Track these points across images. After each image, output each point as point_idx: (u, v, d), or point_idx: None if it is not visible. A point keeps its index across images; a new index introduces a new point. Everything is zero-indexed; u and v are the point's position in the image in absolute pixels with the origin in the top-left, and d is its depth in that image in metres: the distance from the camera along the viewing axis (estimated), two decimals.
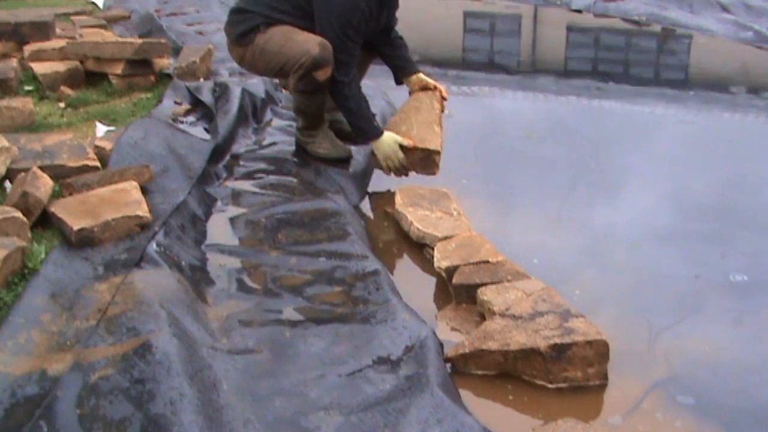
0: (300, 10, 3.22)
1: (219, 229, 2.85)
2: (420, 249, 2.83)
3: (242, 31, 3.28)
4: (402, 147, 3.19)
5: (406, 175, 3.29)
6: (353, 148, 3.55)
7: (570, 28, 7.63)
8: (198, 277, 2.46)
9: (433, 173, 3.25)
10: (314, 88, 3.24)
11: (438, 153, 3.21)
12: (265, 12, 3.24)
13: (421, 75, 3.53)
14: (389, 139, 3.21)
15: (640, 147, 3.93)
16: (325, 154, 3.44)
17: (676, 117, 4.50)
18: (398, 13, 3.48)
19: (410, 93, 3.56)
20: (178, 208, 2.77)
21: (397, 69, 3.56)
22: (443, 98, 3.52)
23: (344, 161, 3.45)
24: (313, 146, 3.46)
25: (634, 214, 3.14)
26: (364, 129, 3.26)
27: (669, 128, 4.27)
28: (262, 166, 3.40)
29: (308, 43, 3.13)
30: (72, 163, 2.88)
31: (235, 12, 3.38)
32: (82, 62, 4.34)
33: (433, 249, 2.70)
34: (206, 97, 4.03)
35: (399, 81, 3.58)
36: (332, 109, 3.57)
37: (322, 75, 3.16)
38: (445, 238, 2.73)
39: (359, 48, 3.26)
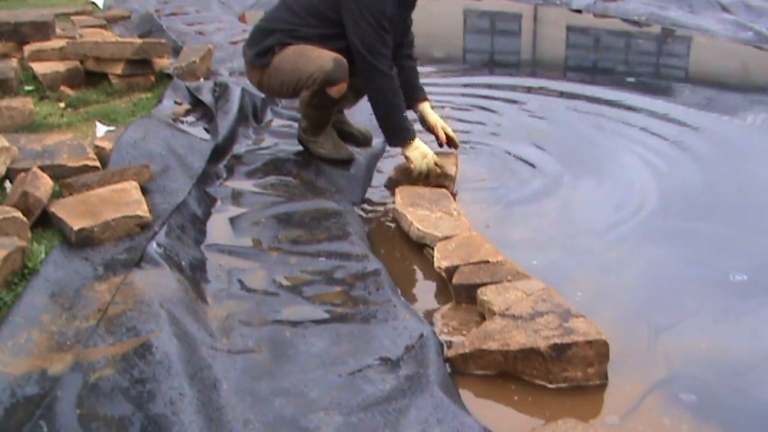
0: (323, 19, 3.17)
1: (219, 229, 2.85)
2: (420, 249, 2.83)
3: (258, 51, 3.26)
4: None
5: (438, 177, 3.26)
6: (354, 150, 3.55)
7: (570, 28, 7.64)
8: (198, 277, 2.46)
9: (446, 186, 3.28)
10: (326, 104, 3.21)
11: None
12: (287, 27, 3.20)
13: (427, 107, 3.47)
14: (422, 147, 3.23)
15: (639, 146, 3.93)
16: (327, 155, 3.43)
17: (677, 116, 4.50)
18: None
19: (422, 122, 3.51)
20: (178, 208, 2.77)
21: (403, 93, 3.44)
22: (455, 146, 3.51)
23: (346, 163, 3.44)
24: (315, 146, 3.44)
25: (634, 213, 3.14)
26: (406, 126, 3.21)
27: (669, 127, 4.27)
28: (262, 166, 3.40)
29: (322, 59, 3.09)
30: (72, 163, 2.88)
31: (255, 31, 3.36)
32: (82, 62, 4.34)
33: (433, 249, 2.70)
34: (206, 97, 4.03)
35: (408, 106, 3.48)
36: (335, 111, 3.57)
37: (336, 92, 3.14)
38: (445, 238, 2.73)
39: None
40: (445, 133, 3.47)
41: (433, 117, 3.49)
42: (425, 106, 3.49)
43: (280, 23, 3.25)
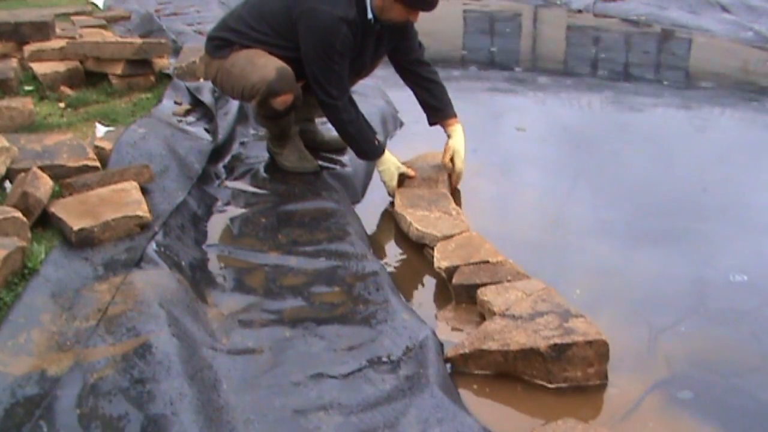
0: (279, 35, 3.07)
1: (219, 229, 2.86)
2: (420, 249, 2.83)
3: (219, 45, 3.18)
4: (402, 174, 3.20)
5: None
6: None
7: (570, 28, 7.64)
8: (198, 277, 2.46)
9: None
10: (274, 115, 3.14)
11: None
12: (244, 30, 3.11)
13: (455, 130, 3.30)
14: (389, 163, 3.18)
15: (640, 146, 3.93)
16: (292, 168, 3.35)
17: (676, 116, 4.51)
18: None
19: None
20: (178, 208, 2.77)
21: (427, 110, 3.37)
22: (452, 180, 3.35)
23: (313, 174, 3.34)
24: (281, 158, 3.38)
25: (634, 213, 3.14)
26: (367, 151, 3.19)
27: (669, 127, 4.27)
28: (262, 166, 3.40)
29: (266, 68, 3.00)
30: (72, 163, 2.88)
31: (221, 24, 3.26)
32: (82, 62, 4.34)
33: (432, 249, 2.70)
34: (206, 97, 4.03)
35: (431, 122, 3.39)
36: (302, 120, 3.52)
37: (280, 103, 3.05)
38: (445, 237, 2.73)
39: (347, 70, 3.08)
40: (452, 162, 3.29)
41: (453, 141, 3.30)
42: (452, 130, 3.31)
43: (239, 25, 3.15)
